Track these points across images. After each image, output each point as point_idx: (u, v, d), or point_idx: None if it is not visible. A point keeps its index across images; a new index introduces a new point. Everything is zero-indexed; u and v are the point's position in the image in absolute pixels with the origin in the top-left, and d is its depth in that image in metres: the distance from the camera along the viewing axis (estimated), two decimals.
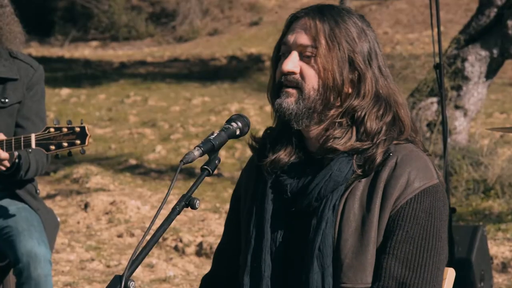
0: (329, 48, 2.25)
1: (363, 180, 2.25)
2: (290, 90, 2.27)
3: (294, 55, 2.28)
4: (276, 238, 2.32)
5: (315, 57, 2.25)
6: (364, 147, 2.26)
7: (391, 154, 2.25)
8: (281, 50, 2.32)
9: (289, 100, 2.26)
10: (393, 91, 2.31)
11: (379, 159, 2.24)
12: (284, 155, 2.33)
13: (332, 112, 2.28)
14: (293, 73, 2.27)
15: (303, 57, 2.27)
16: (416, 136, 2.34)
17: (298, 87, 2.26)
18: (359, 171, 2.25)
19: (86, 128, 3.39)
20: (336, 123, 2.29)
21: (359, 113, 2.26)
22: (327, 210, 2.24)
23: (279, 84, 2.29)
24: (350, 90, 2.29)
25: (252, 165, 2.44)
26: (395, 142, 2.28)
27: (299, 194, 2.29)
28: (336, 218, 2.24)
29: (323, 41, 2.25)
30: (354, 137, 2.26)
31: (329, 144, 2.26)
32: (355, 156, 2.26)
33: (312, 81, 2.26)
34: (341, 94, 2.27)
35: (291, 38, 2.29)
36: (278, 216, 2.32)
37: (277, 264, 2.32)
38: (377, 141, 2.25)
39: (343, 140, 2.25)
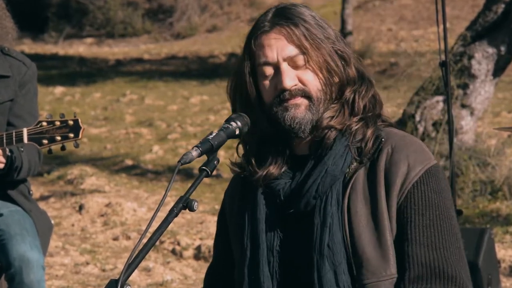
0: (314, 48, 2.28)
1: (361, 172, 2.27)
2: (298, 99, 2.29)
3: (287, 69, 2.28)
4: (273, 246, 2.31)
5: (308, 62, 2.28)
6: (356, 126, 2.28)
7: (383, 139, 2.28)
8: (263, 72, 2.30)
9: (300, 110, 2.28)
10: (366, 69, 2.36)
11: (370, 142, 2.27)
12: (274, 169, 2.33)
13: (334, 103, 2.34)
14: (294, 84, 2.28)
15: (295, 66, 2.29)
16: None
17: (305, 95, 2.29)
18: (355, 163, 2.27)
19: (79, 121, 3.37)
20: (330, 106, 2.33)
21: (348, 93, 2.31)
22: (329, 207, 2.25)
23: (280, 101, 2.29)
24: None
25: (236, 181, 2.46)
26: (381, 123, 2.32)
27: (293, 196, 2.30)
28: (343, 215, 2.25)
29: (307, 45, 2.27)
30: (347, 116, 2.29)
31: (324, 123, 2.27)
32: (351, 141, 2.28)
33: (314, 83, 2.29)
34: (343, 84, 2.31)
35: (271, 55, 2.28)
36: (272, 223, 2.32)
37: (277, 273, 2.30)
38: (365, 117, 2.29)
39: (338, 119, 2.28)
